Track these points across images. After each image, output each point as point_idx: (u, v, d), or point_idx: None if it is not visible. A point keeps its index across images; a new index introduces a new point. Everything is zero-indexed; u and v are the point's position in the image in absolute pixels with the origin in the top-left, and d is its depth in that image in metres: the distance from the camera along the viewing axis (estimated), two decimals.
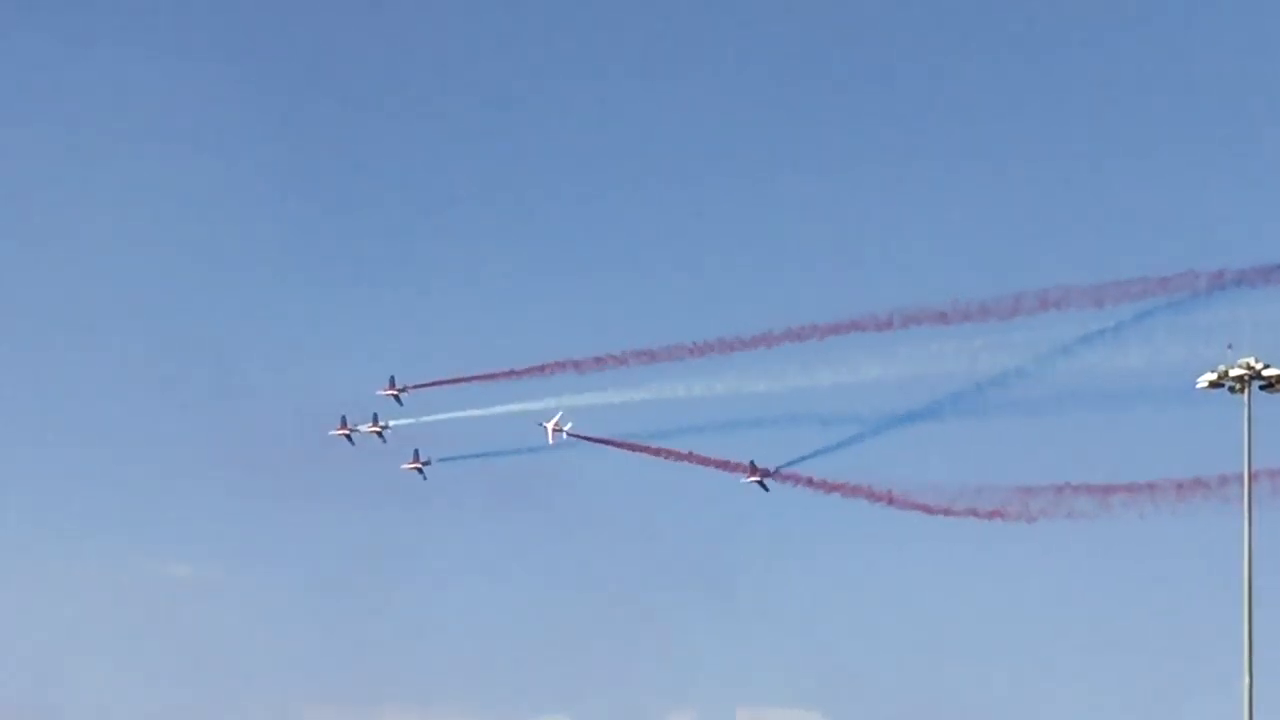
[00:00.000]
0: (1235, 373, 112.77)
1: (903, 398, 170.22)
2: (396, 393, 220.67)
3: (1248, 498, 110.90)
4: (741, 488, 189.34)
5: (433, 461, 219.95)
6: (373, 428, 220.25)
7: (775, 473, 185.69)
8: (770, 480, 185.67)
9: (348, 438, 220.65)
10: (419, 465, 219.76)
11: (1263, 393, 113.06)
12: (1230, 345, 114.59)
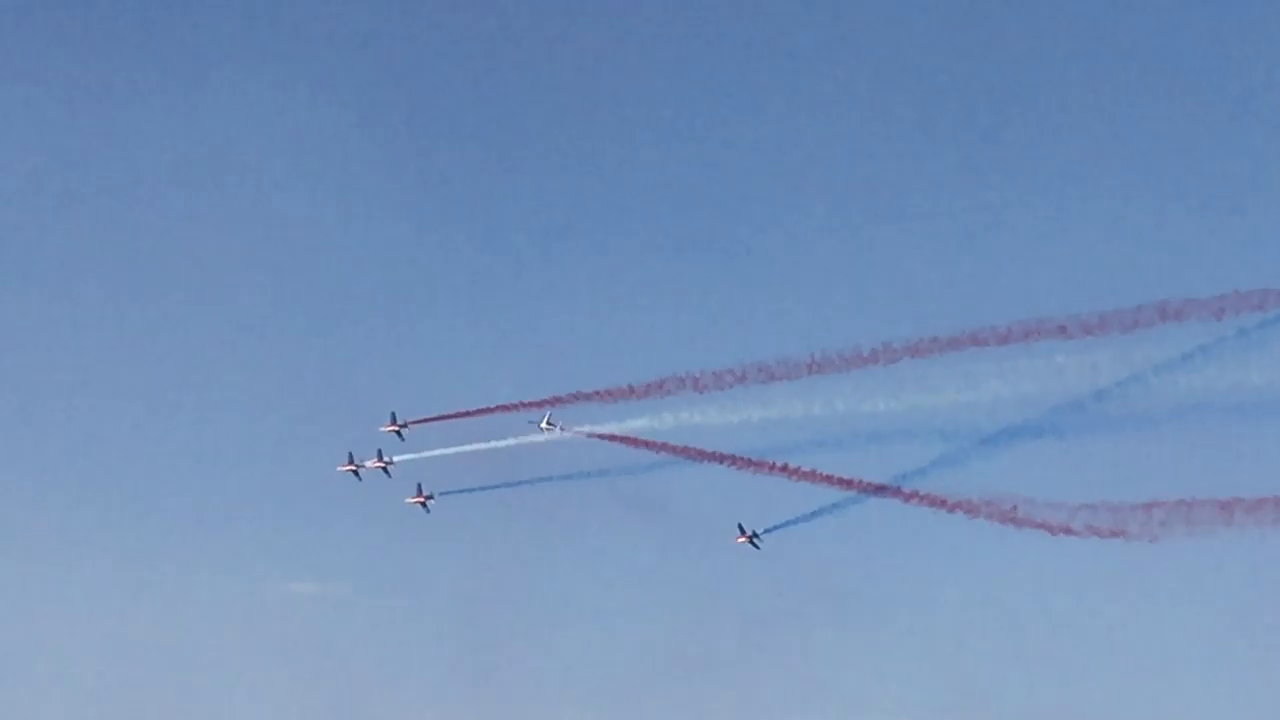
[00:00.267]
0: None
1: (1023, 412, 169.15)
2: (398, 429, 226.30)
3: None
4: (859, 503, 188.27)
5: (435, 496, 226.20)
6: (378, 463, 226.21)
7: (878, 491, 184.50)
8: (881, 498, 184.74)
9: (355, 474, 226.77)
10: (423, 500, 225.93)
11: None
12: None
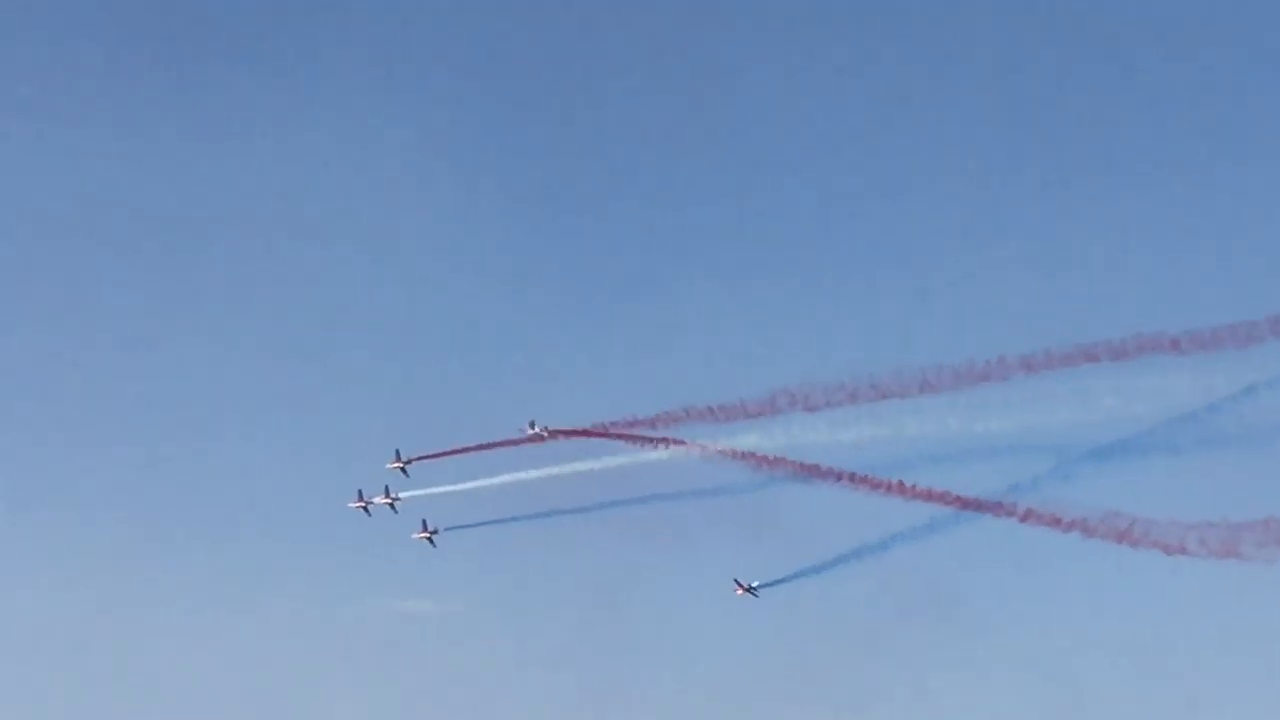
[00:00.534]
0: None
1: (1136, 428, 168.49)
2: (402, 465, 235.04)
3: None
4: (972, 521, 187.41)
5: (440, 530, 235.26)
6: (386, 499, 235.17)
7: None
8: (996, 516, 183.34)
9: (364, 509, 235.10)
10: (428, 535, 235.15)
11: None
12: None
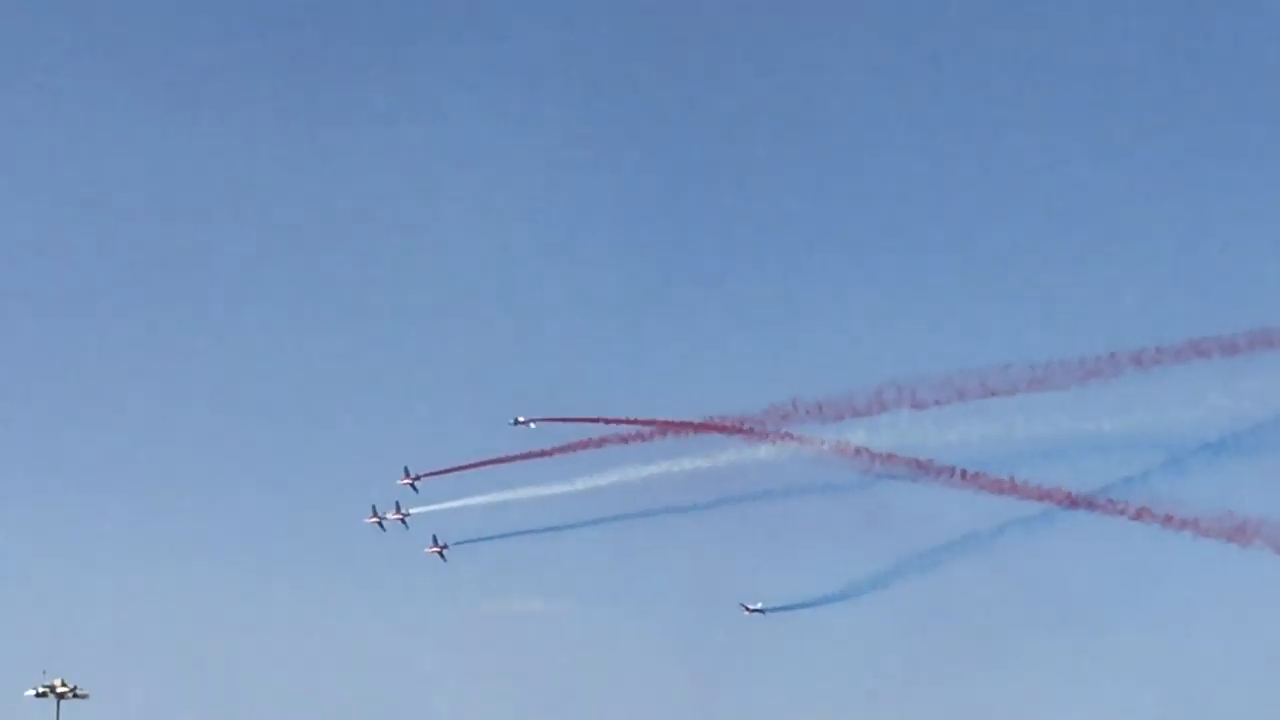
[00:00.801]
0: None
1: (1246, 423, 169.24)
2: (412, 481, 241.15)
3: None
4: (1083, 518, 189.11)
5: (450, 545, 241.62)
6: (397, 515, 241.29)
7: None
8: (1106, 513, 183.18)
9: (379, 525, 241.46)
10: (440, 549, 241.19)
11: None
12: None
